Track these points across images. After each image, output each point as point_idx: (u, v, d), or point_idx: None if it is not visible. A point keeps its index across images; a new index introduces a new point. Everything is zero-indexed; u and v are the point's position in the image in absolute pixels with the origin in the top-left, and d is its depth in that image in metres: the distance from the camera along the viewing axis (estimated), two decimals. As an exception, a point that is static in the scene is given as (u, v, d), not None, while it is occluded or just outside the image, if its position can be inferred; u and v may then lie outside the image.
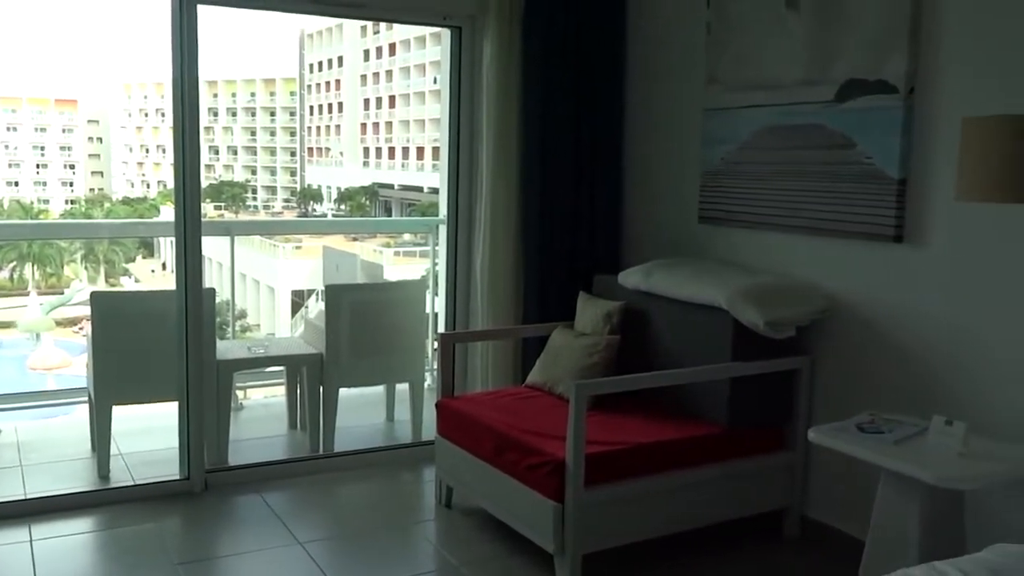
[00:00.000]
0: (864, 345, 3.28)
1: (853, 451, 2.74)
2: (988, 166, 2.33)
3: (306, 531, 3.52)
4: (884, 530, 2.74)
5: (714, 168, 3.82)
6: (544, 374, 3.79)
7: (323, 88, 50.27)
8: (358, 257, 17.00)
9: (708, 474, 3.28)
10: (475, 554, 3.35)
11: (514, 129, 4.13)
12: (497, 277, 4.18)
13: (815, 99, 3.35)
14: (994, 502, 2.84)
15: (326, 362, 4.41)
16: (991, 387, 2.87)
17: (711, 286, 3.38)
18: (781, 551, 3.40)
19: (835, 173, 3.29)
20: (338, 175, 46.73)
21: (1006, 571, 1.96)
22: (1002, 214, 2.79)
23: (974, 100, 2.85)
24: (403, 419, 4.80)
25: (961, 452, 2.63)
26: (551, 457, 3.05)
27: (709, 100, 3.83)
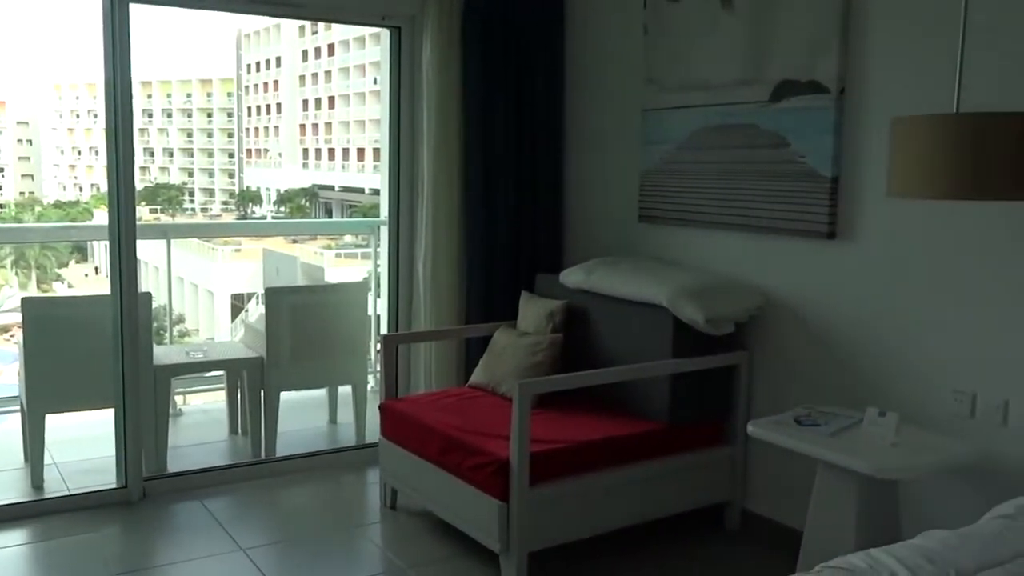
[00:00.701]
0: (800, 339, 3.35)
1: (790, 444, 2.80)
2: (917, 164, 2.40)
3: (249, 537, 3.47)
4: (821, 520, 2.81)
5: (653, 167, 3.87)
6: (487, 374, 3.79)
7: (261, 89, 49.58)
8: (298, 260, 16.81)
9: (650, 470, 3.32)
10: (421, 555, 3.34)
11: (455, 129, 4.13)
12: (440, 278, 4.17)
13: (750, 99, 3.42)
14: (926, 490, 2.93)
15: (267, 365, 4.35)
16: (921, 378, 2.96)
17: (652, 284, 3.42)
18: (722, 544, 3.46)
19: (770, 172, 3.36)
20: (277, 177, 46.15)
21: (937, 555, 2.02)
22: (929, 210, 2.88)
23: (901, 100, 2.94)
24: (346, 422, 4.77)
25: (894, 443, 2.70)
26: (495, 457, 3.06)
27: (647, 100, 3.88)
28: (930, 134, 2.36)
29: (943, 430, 2.87)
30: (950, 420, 2.87)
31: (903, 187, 2.44)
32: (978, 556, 2.03)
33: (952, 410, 2.87)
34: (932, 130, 2.36)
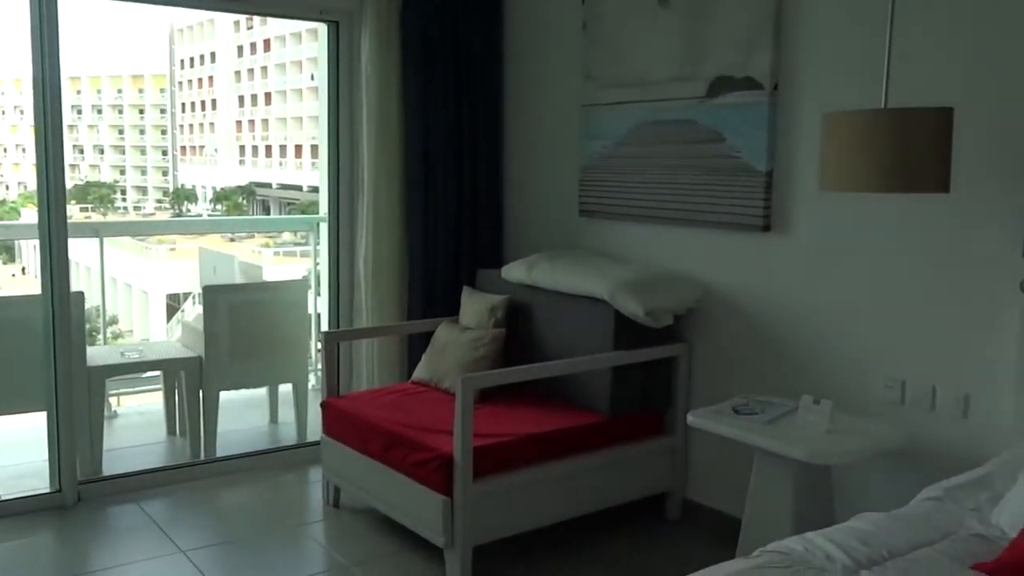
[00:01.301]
0: (737, 331, 3.42)
1: (729, 432, 2.86)
2: (847, 158, 2.47)
3: (189, 539, 3.42)
4: (759, 506, 2.87)
5: (593, 163, 3.90)
6: (430, 370, 3.79)
7: (195, 85, 48.61)
8: (236, 258, 16.54)
9: (593, 461, 3.36)
10: (365, 552, 3.33)
11: (395, 125, 4.11)
12: (381, 274, 4.15)
13: (687, 95, 3.47)
14: (858, 474, 3.01)
15: (205, 365, 4.29)
16: (854, 366, 3.04)
17: (592, 278, 3.46)
18: (664, 532, 3.51)
19: (707, 167, 3.42)
20: (213, 174, 45.34)
21: (871, 537, 2.08)
22: (859, 202, 2.97)
23: (833, 95, 3.01)
24: (287, 421, 4.72)
25: (828, 429, 2.78)
26: (439, 452, 3.06)
27: (586, 96, 3.91)
28: (859, 129, 2.43)
29: (875, 416, 2.95)
30: (881, 407, 2.96)
31: (834, 181, 2.51)
32: (909, 537, 2.10)
33: (883, 397, 2.96)
34: (861, 125, 2.43)
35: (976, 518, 2.20)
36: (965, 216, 2.71)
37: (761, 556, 2.04)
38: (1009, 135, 2.59)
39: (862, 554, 1.99)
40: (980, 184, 2.66)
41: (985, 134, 2.64)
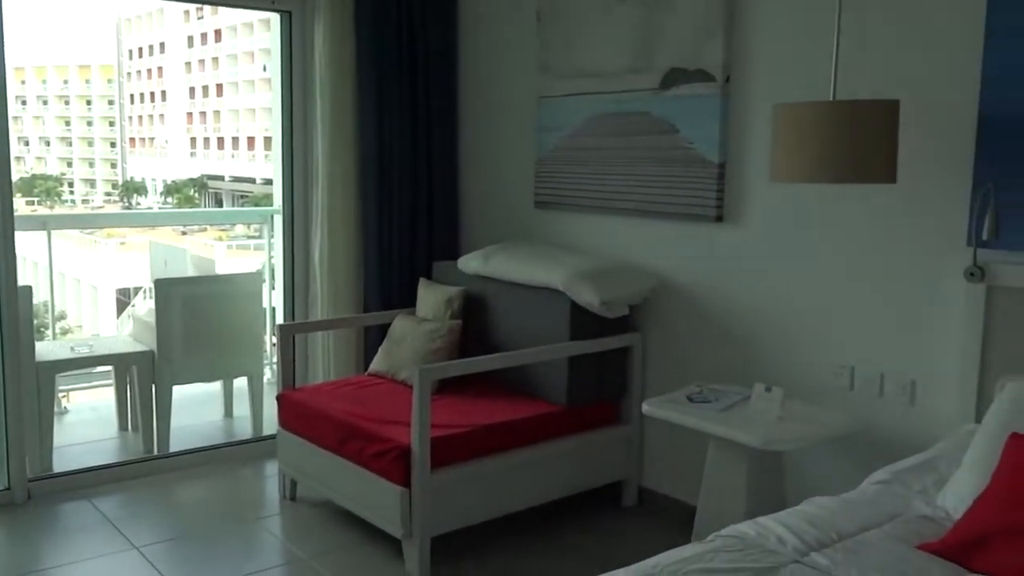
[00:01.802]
0: (691, 320, 3.46)
1: (683, 420, 2.90)
2: (796, 149, 2.51)
3: (142, 535, 3.38)
4: (713, 492, 2.92)
5: (549, 154, 3.92)
6: (387, 362, 3.78)
7: (144, 75, 47.73)
8: (188, 252, 16.28)
9: (549, 451, 3.38)
10: (323, 545, 3.32)
11: (349, 117, 4.09)
12: (336, 266, 4.13)
13: (641, 87, 3.50)
14: (809, 459, 3.07)
15: (157, 359, 4.23)
16: (804, 354, 3.10)
17: (548, 269, 3.47)
18: (620, 520, 3.55)
19: (661, 158, 3.45)
20: (164, 167, 44.59)
21: (821, 520, 2.13)
22: (809, 193, 3.02)
23: (784, 87, 3.06)
24: (243, 415, 4.68)
25: (780, 416, 2.83)
26: (396, 443, 3.06)
27: (542, 88, 3.92)
28: (808, 120, 2.48)
29: (825, 403, 3.02)
30: (831, 393, 3.02)
31: (784, 172, 2.56)
32: (858, 519, 2.15)
33: (833, 384, 3.02)
34: (809, 116, 2.48)
35: (922, 500, 2.27)
36: (912, 206, 2.78)
37: (715, 540, 2.08)
38: (954, 127, 2.66)
39: (812, 537, 2.04)
40: (926, 174, 2.73)
41: (930, 126, 2.70)
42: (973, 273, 2.58)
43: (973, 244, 2.58)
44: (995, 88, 2.54)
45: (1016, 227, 2.51)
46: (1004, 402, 2.29)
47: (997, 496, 2.00)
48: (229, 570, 3.12)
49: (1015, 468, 2.02)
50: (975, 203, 2.56)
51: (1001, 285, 2.54)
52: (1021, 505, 1.93)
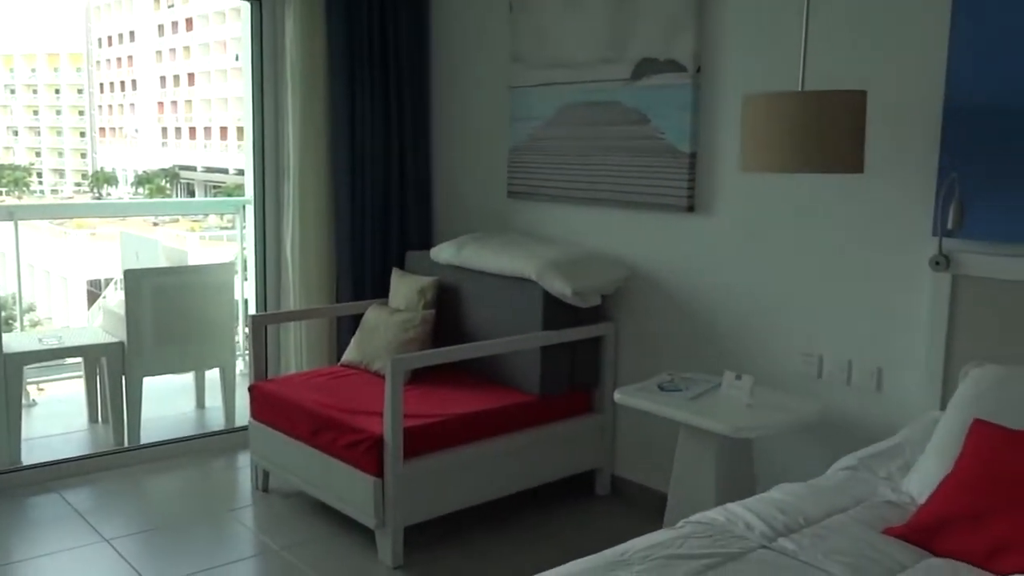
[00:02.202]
0: (663, 309, 3.48)
1: (653, 408, 2.92)
2: (765, 139, 2.53)
3: (113, 527, 3.36)
4: (684, 479, 2.94)
5: (521, 144, 3.92)
6: (360, 352, 3.78)
7: (114, 64, 47.14)
8: (159, 243, 16.10)
9: (523, 440, 3.39)
10: (296, 536, 3.31)
11: (320, 106, 4.07)
12: (308, 257, 4.11)
13: (613, 77, 3.51)
14: (779, 446, 3.11)
15: (128, 351, 4.19)
16: (774, 342, 3.13)
17: (521, 259, 3.48)
18: (594, 508, 3.57)
19: (633, 148, 3.46)
20: (135, 157, 44.09)
21: (789, 506, 2.16)
22: (778, 182, 3.05)
23: (754, 78, 3.08)
24: (215, 406, 4.66)
25: (749, 404, 2.86)
26: (369, 433, 3.06)
27: (514, 78, 3.92)
28: (776, 110, 2.49)
29: (794, 390, 3.05)
30: (800, 381, 3.05)
31: (753, 161, 2.57)
32: (825, 505, 2.18)
33: (802, 371, 3.05)
34: (778, 107, 2.49)
35: (888, 486, 2.30)
36: (878, 195, 2.81)
37: (684, 527, 2.10)
38: (920, 118, 2.69)
39: (780, 522, 2.06)
40: (893, 165, 2.76)
41: (897, 116, 2.73)
42: (939, 262, 2.61)
43: (938, 234, 2.61)
44: (960, 80, 2.57)
45: (980, 217, 2.54)
46: (968, 389, 2.33)
47: (960, 481, 2.03)
48: (200, 562, 3.11)
49: (977, 453, 2.06)
50: (940, 193, 2.60)
51: (966, 274, 2.58)
52: (983, 489, 1.97)
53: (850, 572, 1.84)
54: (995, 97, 2.51)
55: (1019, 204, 2.48)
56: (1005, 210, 2.51)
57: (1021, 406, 2.18)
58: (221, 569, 3.06)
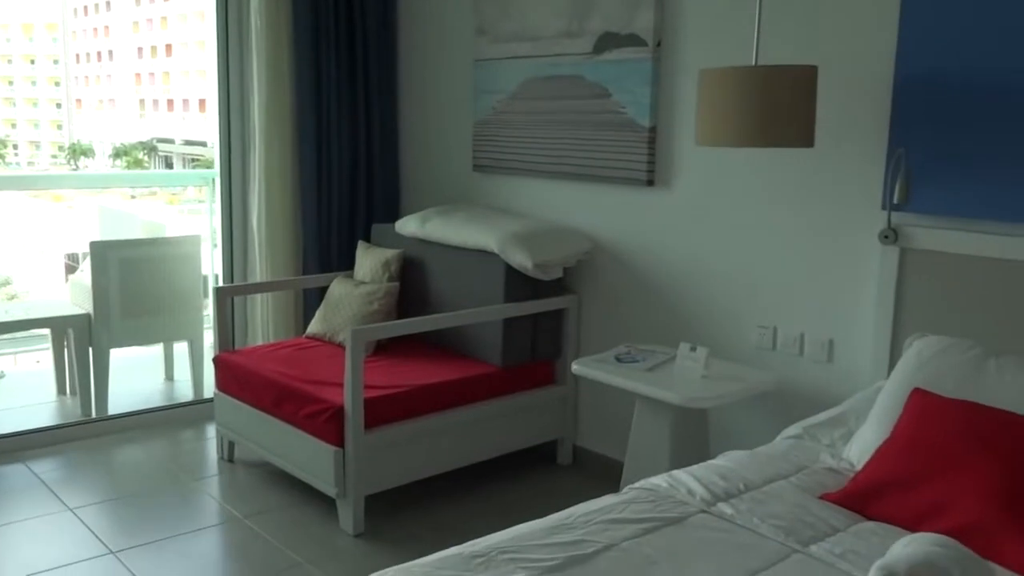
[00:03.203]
0: (624, 282, 3.52)
1: (610, 380, 2.97)
2: (720, 113, 2.56)
3: (78, 497, 3.39)
4: (640, 448, 3.00)
5: (486, 118, 3.94)
6: (324, 324, 3.80)
7: (91, 34, 46.45)
8: (137, 216, 15.98)
9: (485, 411, 3.44)
10: (260, 505, 3.35)
11: (286, 79, 4.06)
12: (275, 229, 4.12)
13: (575, 51, 3.52)
14: (734, 416, 3.17)
15: (94, 322, 4.20)
16: (730, 315, 3.18)
17: (483, 231, 3.51)
18: (555, 477, 3.63)
19: (594, 122, 3.49)
20: (112, 129, 43.56)
21: (731, 473, 2.22)
22: (734, 157, 3.08)
23: (712, 53, 3.11)
24: (184, 379, 4.68)
25: (704, 375, 2.91)
26: (330, 403, 3.09)
27: (479, 51, 3.93)
28: (730, 85, 2.52)
29: (748, 362, 3.11)
30: (755, 352, 3.11)
31: (707, 136, 2.60)
32: (767, 471, 2.24)
33: (757, 343, 3.11)
34: (732, 81, 2.52)
35: (829, 453, 2.36)
36: (829, 170, 2.85)
37: (629, 493, 2.15)
38: (871, 93, 2.73)
39: (720, 488, 2.12)
40: (845, 140, 2.80)
41: (849, 92, 2.77)
42: (887, 236, 2.66)
43: (887, 208, 2.66)
44: (910, 58, 2.61)
45: (927, 191, 2.59)
46: (910, 359, 2.39)
47: (894, 448, 2.09)
48: (164, 530, 3.14)
49: (914, 421, 2.12)
50: (889, 168, 2.64)
51: (913, 247, 2.63)
52: (917, 455, 2.03)
53: (783, 535, 1.90)
54: (943, 75, 2.55)
55: (964, 180, 2.53)
56: (951, 185, 2.56)
57: (959, 375, 2.23)
58: (184, 537, 3.10)
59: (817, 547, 1.86)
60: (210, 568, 2.93)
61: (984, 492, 1.86)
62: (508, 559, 1.78)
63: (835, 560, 1.79)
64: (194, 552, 3.01)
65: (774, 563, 1.80)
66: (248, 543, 3.07)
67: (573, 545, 1.84)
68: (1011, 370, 2.20)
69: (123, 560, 2.92)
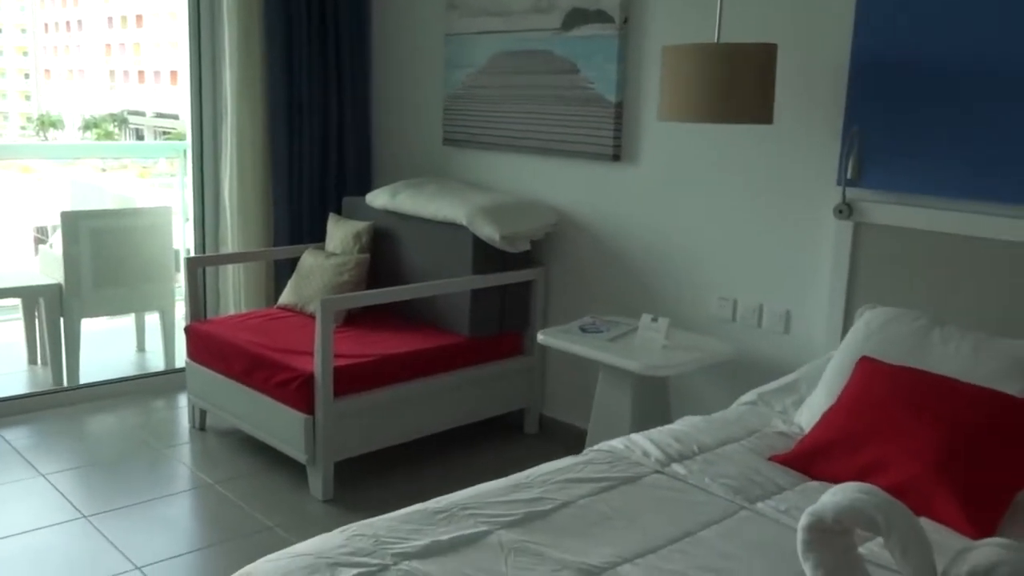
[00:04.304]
0: (589, 255, 3.60)
1: (574, 349, 3.05)
2: (682, 89, 2.63)
3: (50, 463, 3.43)
4: (603, 415, 3.09)
5: (456, 92, 3.98)
6: (296, 295, 3.85)
7: (59, 3, 45.63)
8: (106, 189, 15.82)
9: (453, 380, 3.51)
10: (231, 471, 3.41)
11: (257, 50, 4.07)
12: (246, 201, 4.15)
13: (544, 27, 3.57)
14: (695, 384, 3.27)
15: (65, 292, 4.22)
16: (692, 287, 3.27)
17: (452, 204, 3.57)
18: (522, 445, 3.72)
19: (562, 97, 3.55)
20: (81, 100, 42.93)
21: (686, 436, 2.31)
22: (697, 132, 3.16)
23: (676, 30, 3.17)
24: (156, 350, 4.71)
25: (664, 344, 3.00)
26: (300, 371, 3.15)
27: (450, 25, 3.97)
28: (692, 62, 2.59)
29: (708, 332, 3.20)
30: (714, 323, 3.20)
31: (669, 111, 2.67)
32: (720, 435, 2.34)
33: (717, 314, 3.20)
34: (693, 58, 2.59)
35: (781, 419, 2.46)
36: (786, 146, 2.94)
37: (588, 454, 2.24)
38: (827, 72, 2.81)
39: (675, 450, 2.21)
40: (803, 117, 2.88)
41: (808, 70, 2.85)
42: (841, 211, 2.75)
43: (842, 184, 2.75)
44: (866, 35, 2.68)
45: (880, 168, 2.68)
46: (859, 329, 2.48)
47: (840, 411, 2.19)
48: (137, 495, 3.20)
49: (859, 386, 2.22)
50: (844, 145, 2.73)
51: (866, 222, 2.73)
52: (860, 418, 2.12)
53: (732, 493, 1.99)
54: (896, 56, 2.63)
55: (914, 157, 2.62)
56: (902, 162, 2.65)
57: (905, 344, 2.33)
58: (157, 502, 3.16)
59: (763, 504, 1.95)
60: (182, 532, 2.99)
61: (921, 452, 1.96)
62: (469, 514, 1.86)
63: (779, 516, 1.89)
64: (166, 516, 3.07)
65: (722, 519, 1.89)
66: (220, 508, 3.14)
67: (532, 502, 1.92)
68: (954, 339, 2.30)
69: (96, 524, 2.98)
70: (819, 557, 1.30)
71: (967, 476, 1.91)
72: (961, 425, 1.99)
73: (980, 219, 2.49)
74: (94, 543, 2.86)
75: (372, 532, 1.76)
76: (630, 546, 1.75)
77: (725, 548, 1.76)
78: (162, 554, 2.80)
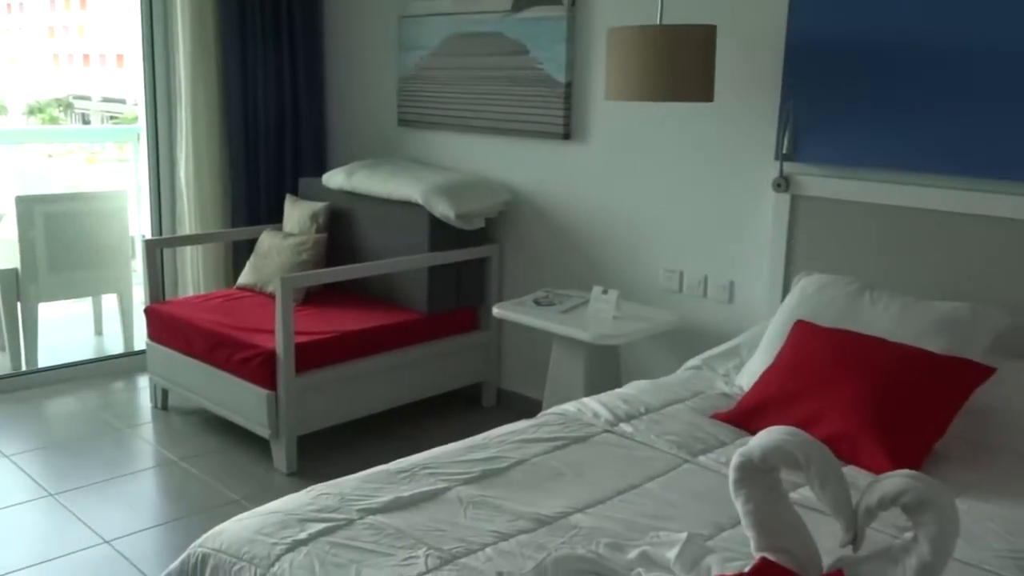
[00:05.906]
0: (543, 231, 3.71)
1: (528, 321, 3.16)
2: (626, 69, 2.74)
3: (13, 444, 3.47)
4: (557, 383, 3.21)
5: (410, 73, 4.06)
6: (254, 275, 3.91)
7: (-2, -14, 44.37)
8: (54, 177, 15.54)
9: (411, 356, 3.61)
10: (195, 448, 3.48)
11: (211, 33, 4.10)
12: (203, 183, 4.19)
13: (495, 9, 3.66)
14: (644, 352, 3.40)
15: (21, 277, 4.23)
16: (641, 260, 3.40)
17: (407, 184, 3.65)
18: (480, 417, 3.82)
19: (513, 78, 3.64)
20: (24, 85, 41.89)
21: (633, 398, 2.44)
22: (642, 111, 3.28)
23: (623, 12, 3.28)
24: (114, 333, 4.73)
25: (615, 315, 3.12)
26: (262, 349, 3.23)
27: (403, 7, 4.04)
28: (635, 43, 2.70)
29: (656, 303, 3.33)
30: (662, 295, 3.34)
31: (615, 91, 2.79)
32: (666, 397, 2.47)
33: (664, 286, 3.33)
34: (637, 39, 2.70)
35: (724, 381, 2.60)
36: (728, 123, 3.07)
37: (542, 417, 2.36)
38: (764, 51, 2.94)
39: (623, 411, 2.34)
40: (742, 95, 3.01)
41: (746, 49, 2.98)
42: (779, 184, 2.90)
43: (779, 158, 2.89)
44: (801, 14, 2.82)
45: (814, 142, 2.83)
46: (795, 295, 2.63)
47: (777, 370, 2.33)
48: (102, 473, 3.26)
49: (793, 347, 2.36)
50: (780, 121, 2.86)
51: (802, 194, 2.87)
52: (795, 376, 2.27)
53: (676, 448, 2.13)
54: (829, 34, 2.77)
55: (846, 130, 2.77)
56: (835, 137, 2.79)
57: (835, 307, 2.48)
58: (121, 479, 3.22)
59: (705, 458, 2.09)
60: (149, 507, 3.06)
61: (851, 406, 2.11)
62: (429, 473, 1.97)
63: (719, 467, 2.03)
64: (132, 492, 3.14)
65: (666, 471, 2.02)
66: (185, 483, 3.21)
67: (488, 461, 2.04)
68: (883, 302, 2.46)
69: (62, 501, 3.03)
70: (749, 493, 1.43)
71: (892, 427, 2.06)
72: (887, 381, 2.14)
73: (909, 190, 2.65)
74: (62, 519, 2.92)
75: (337, 491, 1.87)
76: (580, 498, 1.87)
77: (668, 497, 1.89)
78: (130, 528, 2.87)
